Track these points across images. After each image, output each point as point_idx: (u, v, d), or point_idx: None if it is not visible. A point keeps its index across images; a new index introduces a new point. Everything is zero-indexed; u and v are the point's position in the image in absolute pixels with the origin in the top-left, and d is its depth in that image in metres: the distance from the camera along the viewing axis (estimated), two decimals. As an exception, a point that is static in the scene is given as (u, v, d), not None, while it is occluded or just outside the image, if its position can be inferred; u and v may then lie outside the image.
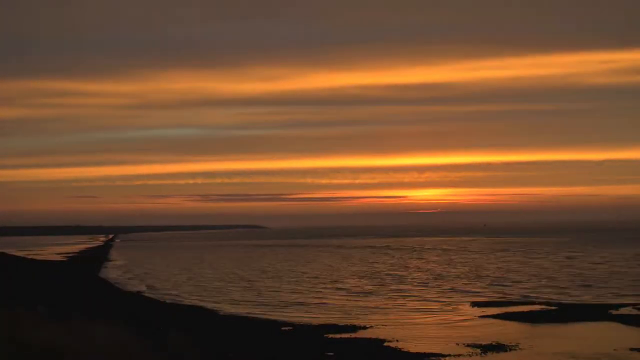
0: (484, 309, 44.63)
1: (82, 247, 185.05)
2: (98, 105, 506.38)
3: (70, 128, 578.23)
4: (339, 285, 64.12)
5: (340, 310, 46.34)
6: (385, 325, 38.30)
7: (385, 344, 31.97)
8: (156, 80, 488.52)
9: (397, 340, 32.80)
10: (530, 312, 43.03)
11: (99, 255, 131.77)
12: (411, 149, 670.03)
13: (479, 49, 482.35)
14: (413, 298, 52.88)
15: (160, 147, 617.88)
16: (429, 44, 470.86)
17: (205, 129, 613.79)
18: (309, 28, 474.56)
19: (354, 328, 37.06)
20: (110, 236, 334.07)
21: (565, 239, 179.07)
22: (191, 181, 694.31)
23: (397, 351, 30.27)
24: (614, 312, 42.15)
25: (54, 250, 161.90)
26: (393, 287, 61.36)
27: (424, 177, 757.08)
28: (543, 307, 45.50)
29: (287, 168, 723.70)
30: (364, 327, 37.38)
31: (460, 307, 46.85)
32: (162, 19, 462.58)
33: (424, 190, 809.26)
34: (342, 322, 39.45)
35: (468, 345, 31.38)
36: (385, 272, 79.44)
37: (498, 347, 30.81)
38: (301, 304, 50.34)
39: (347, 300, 52.44)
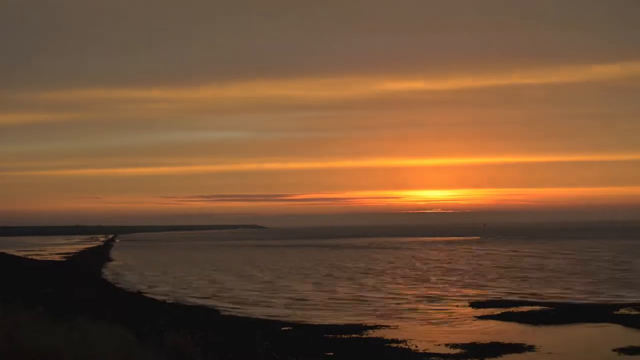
0: (484, 309, 44.62)
1: (82, 247, 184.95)
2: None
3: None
4: (338, 285, 64.14)
5: (340, 310, 46.38)
6: (385, 326, 38.32)
7: (386, 344, 31.97)
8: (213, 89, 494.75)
9: (397, 341, 32.79)
10: (530, 312, 43.02)
11: (99, 255, 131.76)
12: (413, 150, 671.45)
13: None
14: (413, 298, 52.90)
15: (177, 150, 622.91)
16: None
17: (222, 132, 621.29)
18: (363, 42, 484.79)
19: (354, 328, 37.06)
20: (110, 236, 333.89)
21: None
22: (195, 182, 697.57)
23: (397, 351, 30.25)
24: (614, 312, 42.15)
25: (54, 250, 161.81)
26: (392, 287, 61.38)
27: (425, 178, 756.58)
28: (543, 307, 45.48)
29: (287, 169, 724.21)
30: (364, 327, 37.39)
31: (459, 307, 46.86)
32: (230, 33, 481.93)
33: (424, 190, 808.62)
34: (342, 322, 39.50)
35: (468, 346, 31.37)
36: (384, 272, 79.45)
37: (498, 348, 30.80)
38: (302, 304, 50.39)
39: (347, 300, 52.48)
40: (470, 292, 55.70)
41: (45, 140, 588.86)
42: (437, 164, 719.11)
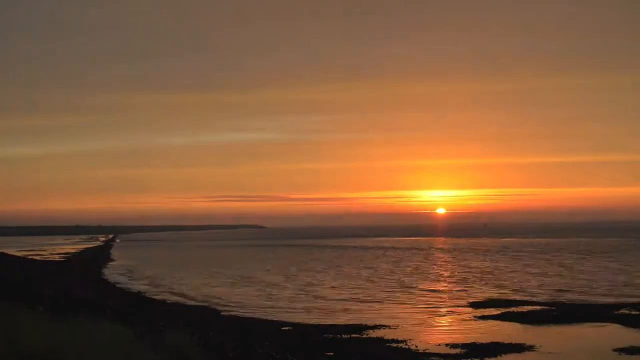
0: (483, 310, 44.61)
1: (82, 247, 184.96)
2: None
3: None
4: (336, 285, 64.15)
5: (339, 310, 46.40)
6: (385, 326, 38.32)
7: (386, 344, 31.98)
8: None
9: (397, 341, 32.80)
10: (530, 312, 43.00)
11: (99, 255, 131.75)
12: (413, 151, 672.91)
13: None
14: (412, 298, 52.91)
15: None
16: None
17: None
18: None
19: (354, 328, 37.07)
20: (111, 236, 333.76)
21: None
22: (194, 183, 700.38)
23: (397, 351, 30.26)
24: (614, 312, 42.15)
25: (54, 250, 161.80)
26: (392, 287, 61.37)
27: (425, 178, 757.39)
28: (543, 307, 45.48)
29: (287, 169, 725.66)
30: (364, 327, 37.40)
31: (459, 307, 46.86)
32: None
33: (424, 190, 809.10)
34: (342, 322, 39.50)
35: (468, 345, 31.37)
36: (384, 272, 79.49)
37: (497, 348, 30.78)
38: (299, 304, 50.42)
39: (346, 300, 52.51)
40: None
41: (45, 141, 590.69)
42: (437, 165, 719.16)
